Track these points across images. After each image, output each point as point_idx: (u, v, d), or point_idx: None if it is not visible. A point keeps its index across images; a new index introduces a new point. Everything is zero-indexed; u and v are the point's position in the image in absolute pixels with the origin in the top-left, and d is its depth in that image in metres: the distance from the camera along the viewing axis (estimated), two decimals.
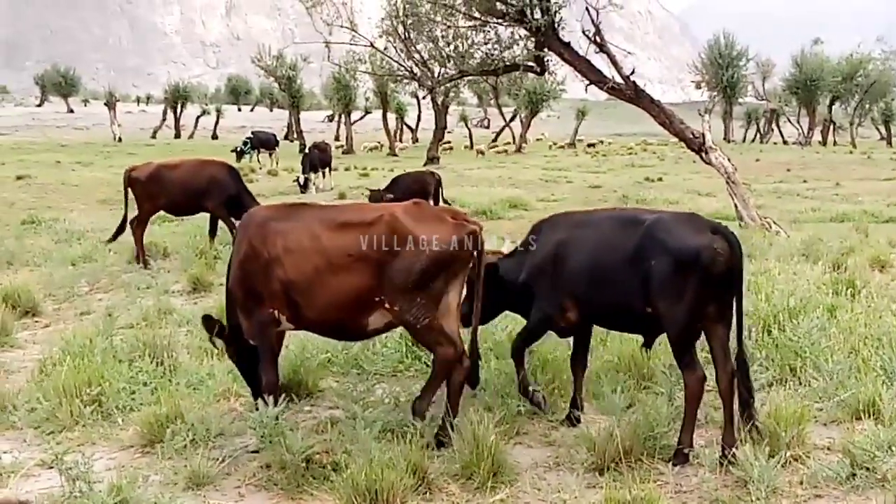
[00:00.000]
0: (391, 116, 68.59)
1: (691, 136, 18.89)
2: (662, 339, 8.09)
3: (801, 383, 7.61)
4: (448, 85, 26.46)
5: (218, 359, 8.72)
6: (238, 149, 44.09)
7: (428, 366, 7.85)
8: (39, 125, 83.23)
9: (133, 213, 15.93)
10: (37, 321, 11.44)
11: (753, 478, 5.66)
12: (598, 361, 7.88)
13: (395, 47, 24.46)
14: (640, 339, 7.44)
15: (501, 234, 19.15)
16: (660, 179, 36.40)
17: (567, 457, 6.32)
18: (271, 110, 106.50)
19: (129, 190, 16.12)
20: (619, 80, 19.37)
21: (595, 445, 6.15)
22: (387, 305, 6.54)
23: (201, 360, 8.68)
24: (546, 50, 20.17)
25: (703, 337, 6.44)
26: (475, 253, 6.60)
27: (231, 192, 15.78)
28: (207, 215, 16.26)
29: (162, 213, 16.99)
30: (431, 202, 19.74)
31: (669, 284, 6.27)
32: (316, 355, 8.21)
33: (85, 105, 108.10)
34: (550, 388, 7.26)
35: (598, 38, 19.42)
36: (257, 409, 6.61)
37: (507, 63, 21.08)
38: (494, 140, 77.45)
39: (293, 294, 6.71)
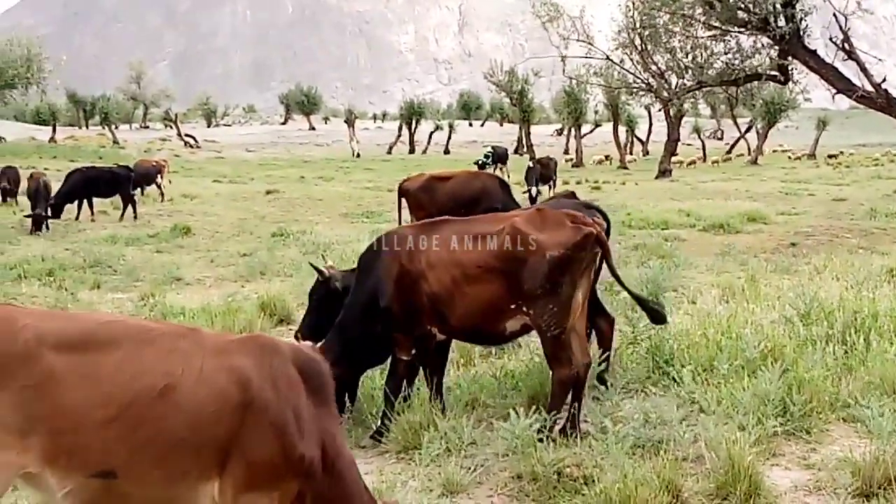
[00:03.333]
0: (621, 129, 67.89)
1: None
2: None
3: None
4: (685, 96, 25.92)
5: (463, 368, 8.91)
6: (480, 162, 44.82)
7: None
8: (284, 142, 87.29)
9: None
10: (290, 329, 11.99)
11: None
12: (858, 382, 7.51)
13: (631, 59, 24.36)
14: None
15: (741, 248, 18.73)
16: None
17: (829, 480, 6.02)
18: (501, 125, 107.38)
19: (403, 200, 16.65)
20: (868, 88, 18.48)
21: (860, 470, 5.84)
22: (524, 309, 6.90)
23: (448, 371, 8.85)
24: (790, 58, 19.51)
25: None
26: (598, 254, 7.03)
27: (498, 204, 16.04)
28: None
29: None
30: None
31: None
32: None
33: (325, 122, 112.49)
34: (808, 408, 6.96)
35: (846, 46, 18.60)
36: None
37: (749, 73, 20.54)
38: (729, 152, 75.26)
39: (438, 306, 7.08)
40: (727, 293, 11.70)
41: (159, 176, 32.11)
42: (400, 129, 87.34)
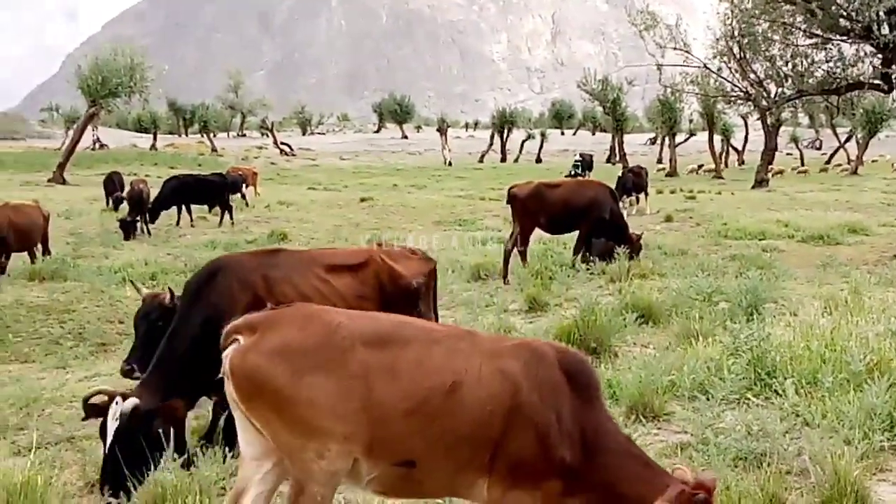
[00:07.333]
0: (716, 138, 66.84)
1: None
2: None
3: None
4: (785, 105, 25.47)
5: None
6: (572, 172, 44.74)
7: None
8: (376, 150, 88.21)
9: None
10: None
11: None
12: None
13: (729, 67, 24.05)
14: None
15: (842, 260, 18.32)
16: None
17: None
18: (593, 134, 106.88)
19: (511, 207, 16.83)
20: None
21: None
22: None
23: None
24: (894, 67, 19.05)
25: None
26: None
27: (606, 214, 16.10)
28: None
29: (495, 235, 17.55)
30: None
31: None
32: (660, 378, 8.14)
33: (418, 131, 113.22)
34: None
35: None
36: None
37: (851, 81, 20.09)
38: (828, 161, 73.61)
39: None
40: (829, 305, 11.44)
41: (244, 185, 32.62)
42: (492, 137, 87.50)
